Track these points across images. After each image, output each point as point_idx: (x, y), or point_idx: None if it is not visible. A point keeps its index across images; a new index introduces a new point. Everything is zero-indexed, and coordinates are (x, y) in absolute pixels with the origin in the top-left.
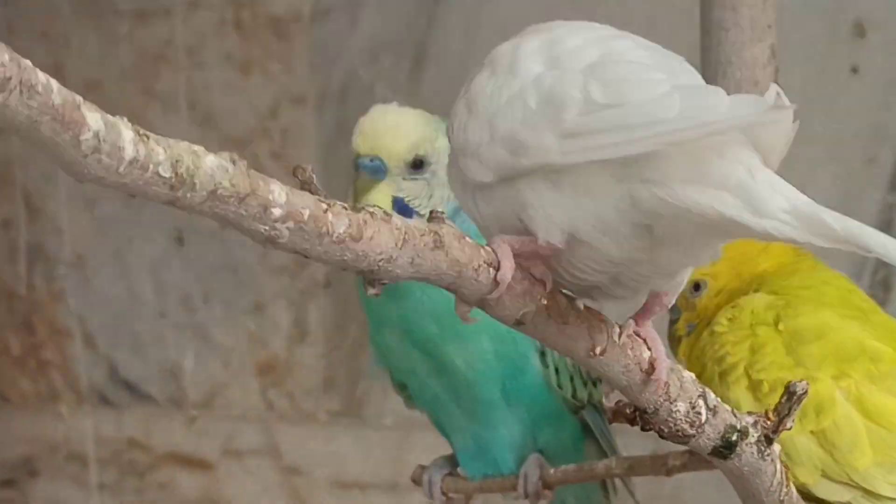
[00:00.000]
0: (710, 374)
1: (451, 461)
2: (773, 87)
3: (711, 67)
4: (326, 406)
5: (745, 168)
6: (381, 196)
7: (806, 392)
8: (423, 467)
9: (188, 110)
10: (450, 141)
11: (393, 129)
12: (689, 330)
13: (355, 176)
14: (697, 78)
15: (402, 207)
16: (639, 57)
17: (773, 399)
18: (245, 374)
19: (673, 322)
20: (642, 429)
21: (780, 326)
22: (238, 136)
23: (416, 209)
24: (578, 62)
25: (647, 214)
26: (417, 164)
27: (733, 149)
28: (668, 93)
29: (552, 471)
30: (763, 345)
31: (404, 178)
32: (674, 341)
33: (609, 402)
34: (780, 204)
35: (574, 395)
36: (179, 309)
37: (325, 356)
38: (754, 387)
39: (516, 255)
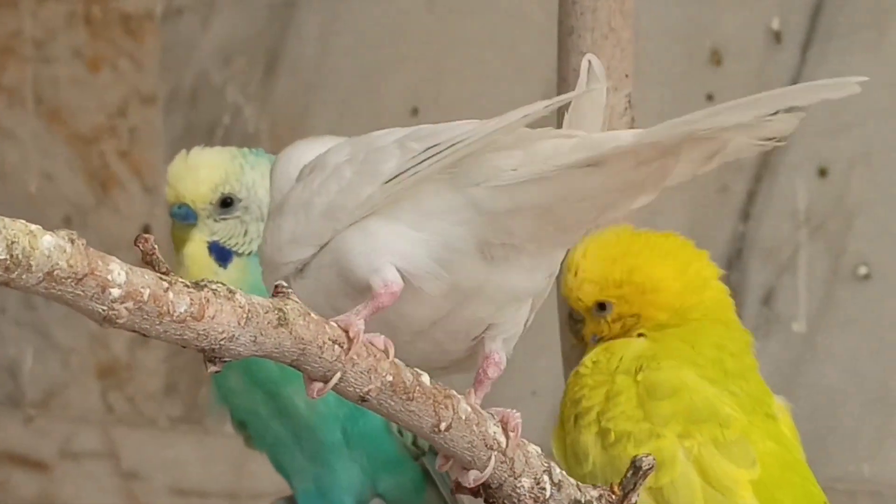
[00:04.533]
0: (568, 413)
1: (291, 502)
2: (587, 59)
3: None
4: (167, 411)
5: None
6: (195, 245)
7: (652, 467)
8: None
9: (34, 104)
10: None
11: (193, 172)
12: (594, 341)
13: (172, 226)
14: None
15: (219, 251)
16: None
17: (619, 449)
18: (85, 376)
19: (576, 322)
20: (486, 502)
21: (639, 377)
22: (85, 134)
23: (234, 249)
24: (387, 138)
25: (490, 218)
26: (226, 203)
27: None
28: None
29: None
30: (618, 393)
31: (215, 220)
32: (578, 344)
33: (470, 483)
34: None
35: (414, 442)
36: (20, 305)
37: (168, 361)
38: (603, 434)
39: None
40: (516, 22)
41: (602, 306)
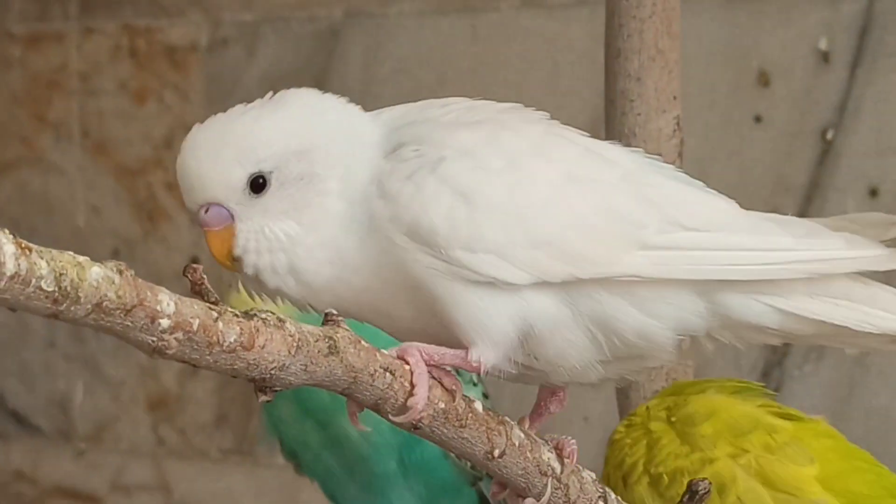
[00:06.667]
0: (615, 481)
1: None
2: None
3: (615, 139)
4: (218, 443)
5: (858, 280)
6: None
7: (708, 491)
8: None
9: (81, 138)
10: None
11: None
12: None
13: None
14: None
15: None
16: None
17: (675, 490)
18: (135, 408)
19: None
20: None
21: (673, 419)
22: (132, 166)
23: None
24: (604, 168)
25: (727, 322)
26: None
27: None
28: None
29: None
30: (658, 439)
31: None
32: None
33: None
34: None
35: (472, 467)
36: (69, 339)
37: (218, 392)
38: (655, 481)
39: (431, 365)
40: (560, 46)
41: None
